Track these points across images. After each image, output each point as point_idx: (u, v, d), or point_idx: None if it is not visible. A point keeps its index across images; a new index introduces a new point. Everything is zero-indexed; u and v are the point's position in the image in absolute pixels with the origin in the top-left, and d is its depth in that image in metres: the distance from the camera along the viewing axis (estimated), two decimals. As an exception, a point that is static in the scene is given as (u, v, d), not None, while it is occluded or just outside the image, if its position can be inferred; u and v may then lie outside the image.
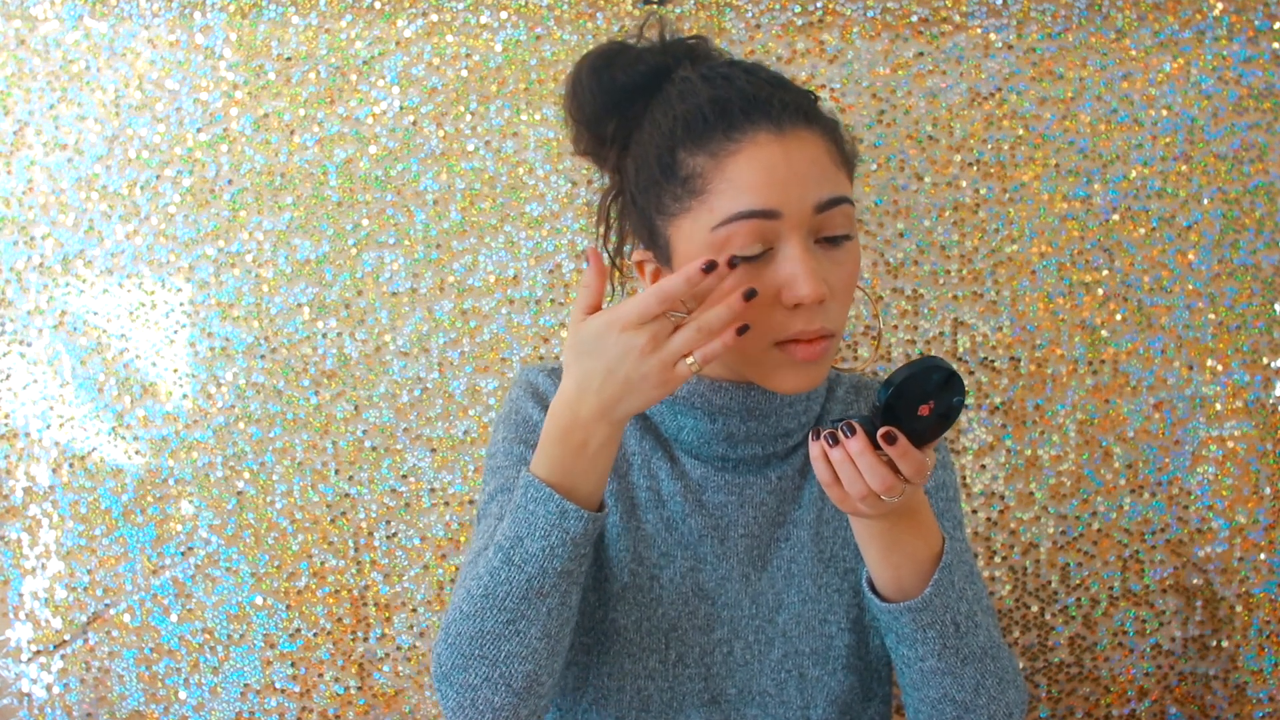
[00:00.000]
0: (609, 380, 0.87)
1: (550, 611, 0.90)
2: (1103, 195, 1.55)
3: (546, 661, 0.91)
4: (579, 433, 0.90)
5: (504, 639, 0.90)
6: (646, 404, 0.88)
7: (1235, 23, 1.54)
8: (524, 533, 0.90)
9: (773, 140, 0.92)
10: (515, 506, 0.91)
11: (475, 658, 0.90)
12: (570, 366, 0.90)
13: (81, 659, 1.57)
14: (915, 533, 0.92)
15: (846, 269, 0.94)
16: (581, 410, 0.89)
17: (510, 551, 0.90)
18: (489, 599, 0.90)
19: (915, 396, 0.84)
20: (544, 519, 0.90)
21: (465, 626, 0.91)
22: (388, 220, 1.54)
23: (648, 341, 0.86)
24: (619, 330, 0.87)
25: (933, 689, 0.95)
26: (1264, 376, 1.56)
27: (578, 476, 0.91)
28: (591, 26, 1.53)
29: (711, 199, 0.92)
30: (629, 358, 0.87)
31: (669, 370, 0.87)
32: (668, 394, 0.88)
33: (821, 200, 0.92)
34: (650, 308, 0.86)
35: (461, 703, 0.91)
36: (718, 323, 0.86)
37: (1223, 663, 1.58)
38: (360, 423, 1.55)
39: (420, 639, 1.56)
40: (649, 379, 0.87)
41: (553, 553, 0.89)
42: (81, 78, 1.53)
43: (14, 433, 1.55)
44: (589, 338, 0.88)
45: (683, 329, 0.86)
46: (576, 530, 0.90)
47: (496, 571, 0.90)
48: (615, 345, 0.87)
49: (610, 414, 0.89)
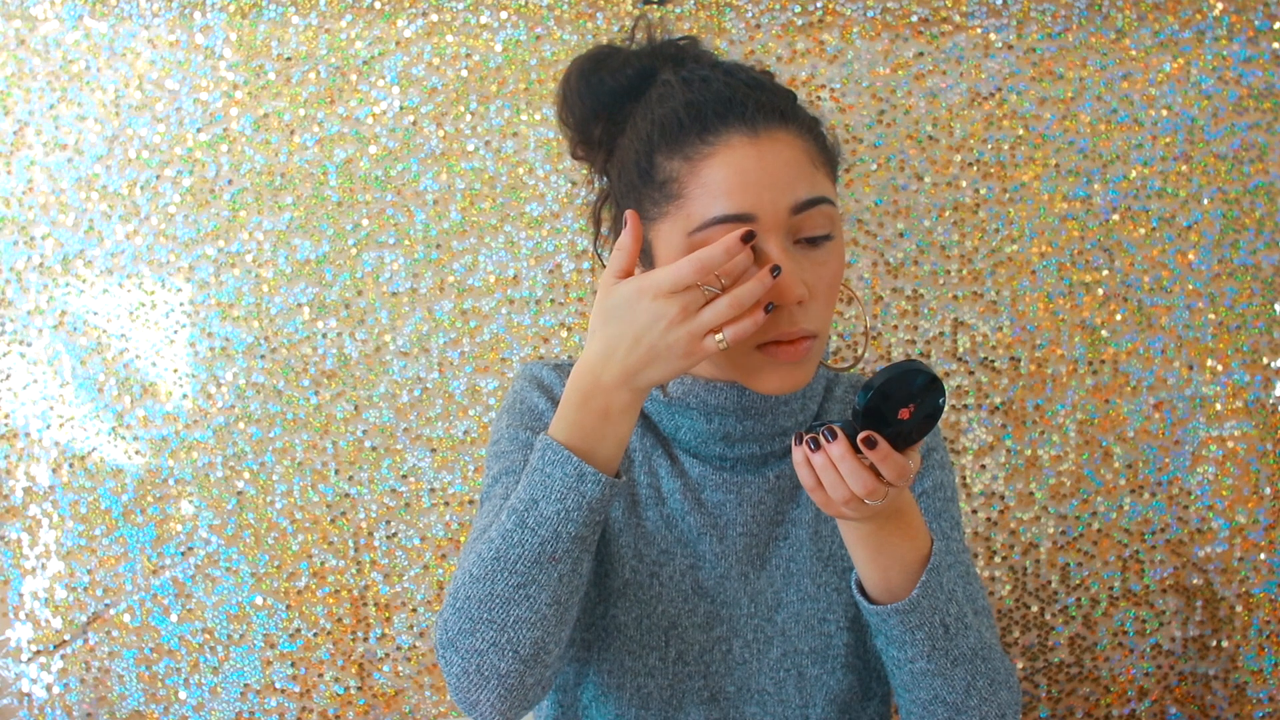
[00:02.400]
0: (636, 347, 0.87)
1: (562, 578, 0.89)
2: (1103, 195, 1.55)
3: (555, 629, 0.90)
4: (600, 397, 0.89)
5: (513, 603, 0.88)
6: (670, 374, 0.88)
7: (1235, 23, 1.54)
8: (539, 495, 0.89)
9: (746, 143, 0.92)
10: (531, 469, 0.90)
11: (483, 621, 0.89)
12: (596, 331, 0.89)
13: (81, 659, 1.57)
14: (903, 535, 0.92)
15: (828, 269, 0.94)
16: (605, 375, 0.89)
17: (524, 514, 0.89)
18: (500, 561, 0.89)
19: (897, 399, 0.84)
20: (561, 481, 0.89)
21: (474, 590, 0.89)
22: (388, 220, 1.54)
23: (679, 311, 0.86)
24: (651, 297, 0.87)
25: (923, 690, 0.95)
26: (1264, 376, 1.56)
27: (597, 441, 0.90)
28: (591, 26, 1.54)
29: (688, 203, 0.92)
30: (658, 325, 0.87)
31: (697, 342, 0.87)
32: (692, 366, 0.88)
33: (798, 201, 0.91)
34: (685, 276, 0.86)
35: (466, 668, 0.89)
36: (749, 297, 0.86)
37: (1223, 663, 1.57)
38: (360, 423, 1.55)
39: (420, 639, 1.56)
40: (675, 349, 0.87)
41: (568, 516, 0.88)
42: (81, 78, 1.53)
43: (14, 433, 1.56)
44: (620, 302, 0.88)
45: (715, 302, 0.86)
46: (594, 494, 0.89)
47: (509, 534, 0.89)
48: (646, 312, 0.87)
49: (633, 380, 0.88)
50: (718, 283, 0.87)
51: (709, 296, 0.87)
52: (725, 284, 0.88)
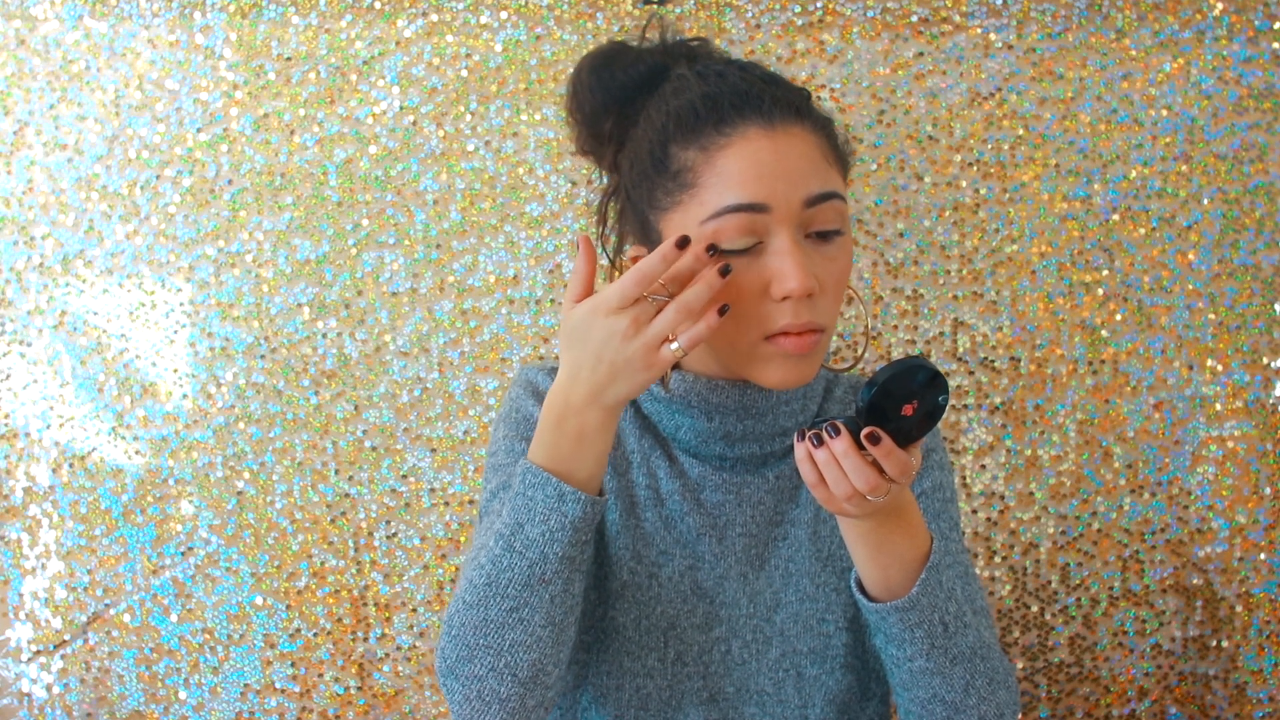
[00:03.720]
0: (597, 366, 0.88)
1: (554, 599, 0.90)
2: (1103, 195, 1.55)
3: (552, 650, 0.91)
4: (573, 419, 0.90)
5: (508, 627, 0.90)
6: (636, 388, 0.89)
7: (1235, 23, 1.54)
8: (524, 519, 0.90)
9: (762, 135, 0.92)
10: (514, 494, 0.92)
11: (480, 648, 0.90)
12: (562, 355, 0.91)
13: (81, 659, 1.57)
14: (903, 533, 0.92)
15: (837, 264, 0.95)
16: (573, 397, 0.90)
17: (511, 538, 0.90)
18: (491, 587, 0.90)
19: (899, 396, 0.84)
20: (543, 503, 0.90)
21: (469, 616, 0.91)
22: (388, 220, 1.54)
23: (630, 325, 0.87)
24: (603, 315, 0.88)
25: (922, 689, 0.96)
26: (1264, 376, 1.56)
27: (574, 462, 0.91)
28: (591, 26, 1.54)
29: (701, 192, 0.92)
30: (613, 342, 0.87)
31: (653, 353, 0.87)
32: (655, 378, 0.89)
33: (811, 195, 0.92)
34: (628, 289, 0.87)
35: (468, 695, 0.91)
36: (696, 301, 0.87)
37: (1223, 663, 1.57)
38: (360, 423, 1.55)
39: (420, 639, 1.56)
40: (634, 362, 0.87)
41: (553, 537, 0.89)
42: (81, 78, 1.53)
43: (14, 433, 1.56)
44: (577, 324, 0.89)
45: (664, 311, 0.87)
46: (575, 514, 0.90)
47: (498, 559, 0.90)
48: (599, 330, 0.88)
49: (600, 399, 0.89)
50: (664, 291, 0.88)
51: (659, 305, 0.87)
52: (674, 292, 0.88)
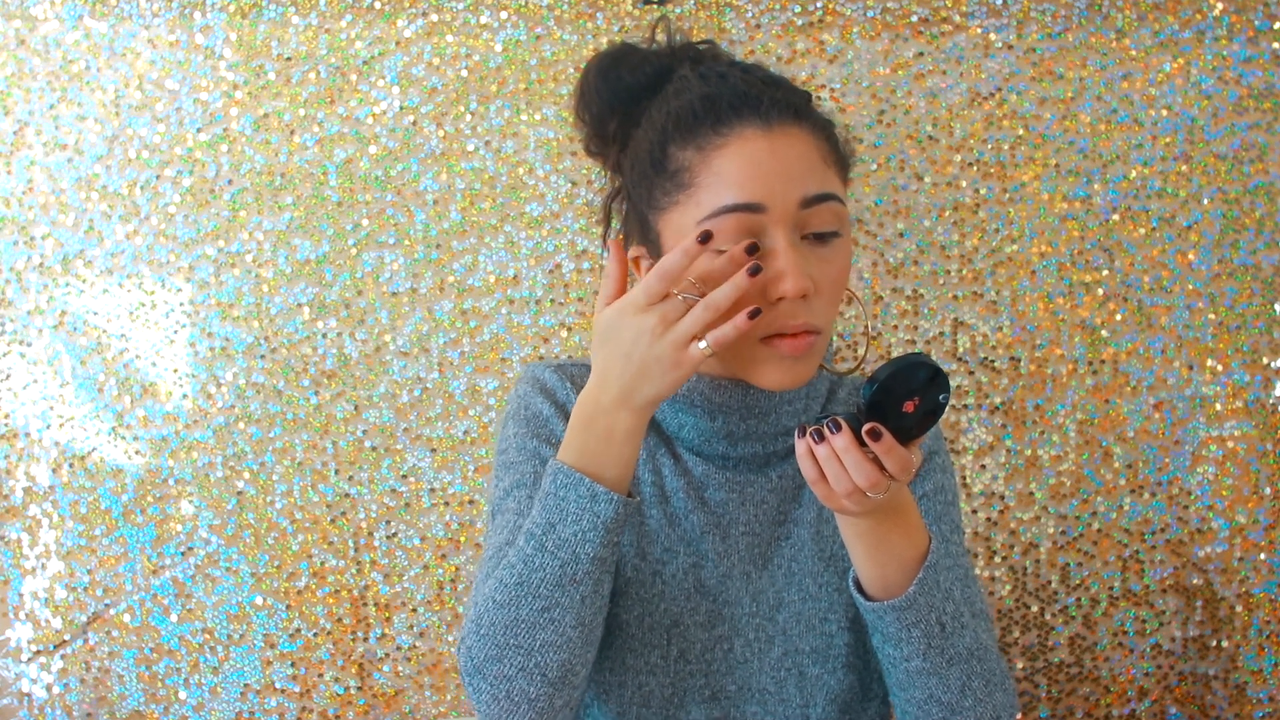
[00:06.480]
0: (626, 366, 0.88)
1: (584, 599, 0.90)
2: (1103, 195, 1.55)
3: (581, 651, 0.91)
4: (603, 419, 0.90)
5: (539, 627, 0.90)
6: (665, 389, 0.88)
7: (1235, 23, 1.54)
8: (556, 519, 0.90)
9: (759, 135, 0.93)
10: (544, 494, 0.92)
11: (510, 647, 0.90)
12: (594, 357, 0.91)
13: (81, 659, 1.57)
14: (902, 531, 0.92)
15: (834, 266, 0.94)
16: (603, 398, 0.90)
17: (542, 538, 0.90)
18: (523, 586, 0.90)
19: (900, 393, 0.84)
20: (575, 504, 0.90)
21: (499, 615, 0.90)
22: (388, 220, 1.54)
23: (658, 323, 0.87)
24: (631, 314, 0.88)
25: (918, 689, 0.95)
26: (1264, 376, 1.56)
27: (604, 464, 0.91)
28: (591, 26, 1.54)
29: (698, 192, 0.92)
30: (642, 340, 0.87)
31: (681, 352, 0.87)
32: (685, 377, 0.88)
33: (807, 195, 0.92)
34: (652, 286, 0.87)
35: (496, 694, 0.91)
36: (723, 299, 0.86)
37: (1223, 663, 1.58)
38: (360, 423, 1.55)
39: (420, 639, 1.56)
40: (662, 361, 0.87)
41: (585, 538, 0.90)
42: (81, 78, 1.53)
43: (14, 433, 1.55)
44: (607, 326, 0.89)
45: (692, 309, 0.87)
46: (608, 514, 0.90)
47: (530, 559, 0.90)
48: (628, 330, 0.88)
49: (630, 400, 0.89)
50: (695, 289, 0.88)
51: (689, 304, 0.87)
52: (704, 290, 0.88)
